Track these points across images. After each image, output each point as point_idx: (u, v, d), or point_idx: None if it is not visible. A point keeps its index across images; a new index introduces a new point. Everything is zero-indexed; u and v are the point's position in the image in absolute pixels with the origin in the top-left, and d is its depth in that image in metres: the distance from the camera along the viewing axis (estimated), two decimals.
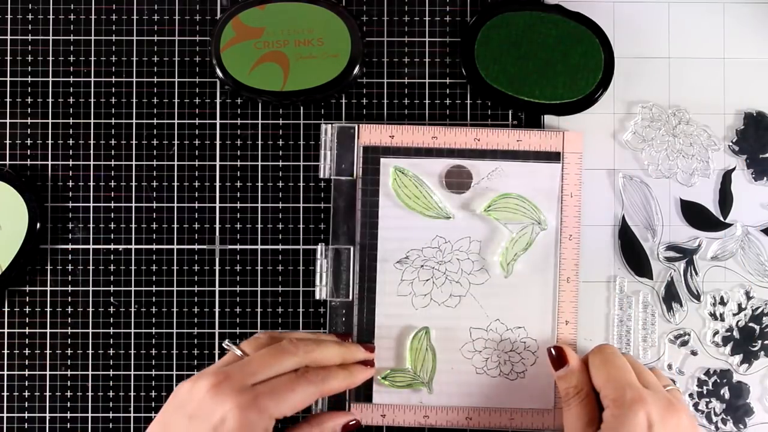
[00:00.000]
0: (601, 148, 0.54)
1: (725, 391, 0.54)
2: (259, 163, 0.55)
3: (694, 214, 0.54)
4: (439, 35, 0.55)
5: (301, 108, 0.55)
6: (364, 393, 0.53)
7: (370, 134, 0.53)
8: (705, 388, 0.54)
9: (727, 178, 0.54)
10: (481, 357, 0.53)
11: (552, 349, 0.51)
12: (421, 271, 0.53)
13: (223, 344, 0.49)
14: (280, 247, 0.54)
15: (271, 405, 0.44)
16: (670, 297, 0.54)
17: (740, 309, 0.54)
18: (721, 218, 0.54)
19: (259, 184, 0.55)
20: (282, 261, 0.54)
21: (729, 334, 0.54)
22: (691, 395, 0.54)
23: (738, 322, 0.54)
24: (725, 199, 0.54)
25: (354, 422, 0.52)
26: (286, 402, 0.45)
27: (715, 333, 0.54)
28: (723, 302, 0.54)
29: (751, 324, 0.54)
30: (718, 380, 0.54)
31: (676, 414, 0.46)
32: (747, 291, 0.54)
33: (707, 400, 0.54)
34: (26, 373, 0.54)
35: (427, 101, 0.55)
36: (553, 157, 0.53)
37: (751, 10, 0.55)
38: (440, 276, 0.53)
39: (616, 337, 0.54)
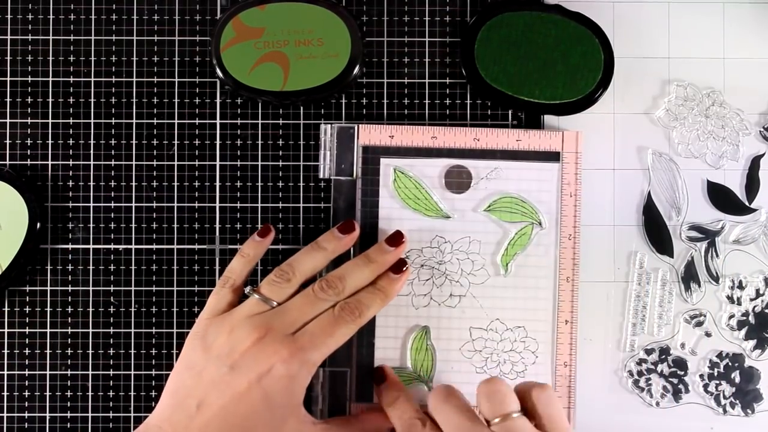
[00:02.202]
0: (601, 148, 0.54)
1: (736, 375, 0.54)
2: (259, 163, 0.55)
3: (719, 196, 0.54)
4: (439, 35, 0.55)
5: (301, 108, 0.55)
6: (364, 393, 0.53)
7: (370, 134, 0.53)
8: (716, 370, 0.54)
9: (755, 163, 0.54)
10: (481, 356, 0.53)
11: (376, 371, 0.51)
12: (421, 271, 0.53)
13: (245, 291, 0.49)
14: (280, 247, 0.54)
15: (314, 354, 0.46)
16: (689, 277, 0.54)
17: (758, 294, 0.54)
18: (747, 203, 0.54)
19: (259, 184, 0.55)
20: (282, 261, 0.54)
21: (744, 318, 0.54)
22: (701, 376, 0.54)
23: (755, 307, 0.54)
24: (752, 184, 0.54)
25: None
26: (327, 347, 0.47)
27: (731, 316, 0.54)
28: (741, 286, 0.54)
29: (767, 311, 0.54)
30: (730, 363, 0.54)
31: None
32: (766, 277, 0.54)
33: (717, 382, 0.54)
34: (26, 373, 0.54)
35: (427, 101, 0.55)
36: (553, 157, 0.53)
37: (751, 10, 0.55)
38: (440, 276, 0.53)
39: (632, 312, 0.54)
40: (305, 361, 0.46)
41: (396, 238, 0.51)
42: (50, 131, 0.54)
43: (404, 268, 0.51)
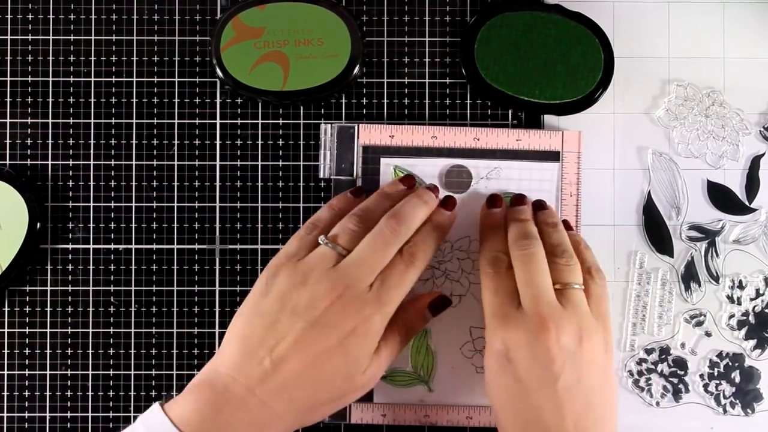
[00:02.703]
0: (601, 148, 0.54)
1: (736, 375, 0.54)
2: (259, 163, 0.55)
3: (719, 196, 0.54)
4: (439, 35, 0.55)
5: (301, 108, 0.55)
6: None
7: (370, 134, 0.53)
8: (716, 370, 0.54)
9: (755, 163, 0.54)
10: (481, 356, 0.53)
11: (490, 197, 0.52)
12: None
13: (320, 239, 0.47)
14: (280, 246, 0.54)
15: (391, 306, 0.46)
16: (689, 276, 0.54)
17: (758, 294, 0.54)
18: (747, 202, 0.54)
19: (259, 184, 0.55)
20: None
21: (745, 318, 0.54)
22: (702, 376, 0.54)
23: (755, 307, 0.54)
24: (752, 183, 0.54)
25: (439, 298, 0.51)
26: (401, 296, 0.47)
27: (731, 316, 0.54)
28: (741, 286, 0.54)
29: (767, 310, 0.54)
30: (730, 363, 0.54)
31: (588, 340, 0.45)
32: (766, 277, 0.54)
33: (717, 382, 0.54)
34: (26, 373, 0.54)
35: (427, 101, 0.55)
36: (553, 156, 0.54)
37: (751, 10, 0.55)
38: (440, 276, 0.53)
39: (632, 311, 0.54)
40: (385, 315, 0.46)
41: (436, 188, 0.51)
42: (50, 131, 0.54)
43: (453, 203, 0.51)
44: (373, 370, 0.47)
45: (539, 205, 0.52)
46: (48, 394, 0.54)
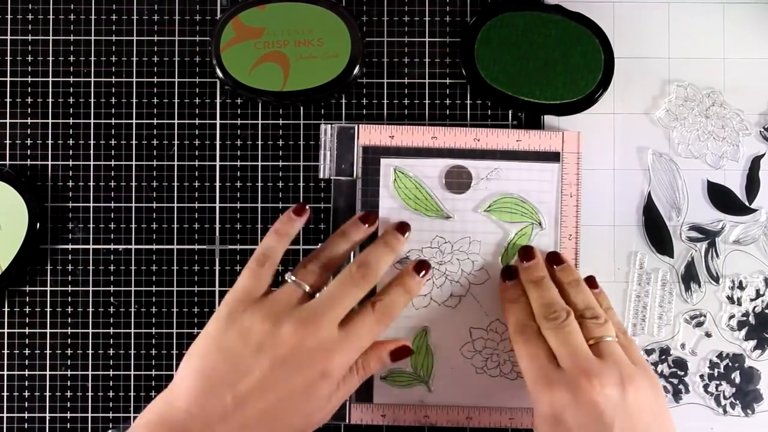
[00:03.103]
0: (601, 148, 0.54)
1: (736, 376, 0.54)
2: (259, 163, 0.55)
3: (719, 196, 0.54)
4: (439, 35, 0.55)
5: (301, 108, 0.55)
6: (364, 393, 0.53)
7: (370, 134, 0.53)
8: (716, 370, 0.54)
9: (755, 163, 0.54)
10: (481, 357, 0.53)
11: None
12: None
13: (286, 277, 0.48)
14: None
15: (356, 353, 0.47)
16: (689, 277, 0.54)
17: (758, 295, 0.54)
18: (747, 203, 0.54)
19: (259, 184, 0.55)
20: (282, 261, 0.54)
21: (745, 319, 0.54)
22: (702, 376, 0.54)
23: (755, 307, 0.54)
24: (752, 184, 0.54)
25: (401, 347, 0.50)
26: (366, 346, 0.47)
27: (731, 317, 0.54)
28: (741, 287, 0.54)
29: (767, 311, 0.54)
30: (730, 364, 0.54)
31: (633, 385, 0.44)
32: (766, 277, 0.54)
33: (717, 382, 0.54)
34: (26, 373, 0.54)
35: (427, 101, 0.55)
36: (553, 157, 0.53)
37: (751, 10, 0.55)
38: (440, 276, 0.53)
39: (632, 312, 0.54)
40: (350, 361, 0.47)
41: (402, 227, 0.52)
42: (50, 131, 0.54)
43: (427, 269, 0.51)
44: (330, 408, 0.47)
45: (554, 259, 0.51)
46: (48, 394, 0.54)
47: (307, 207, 0.50)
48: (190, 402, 0.44)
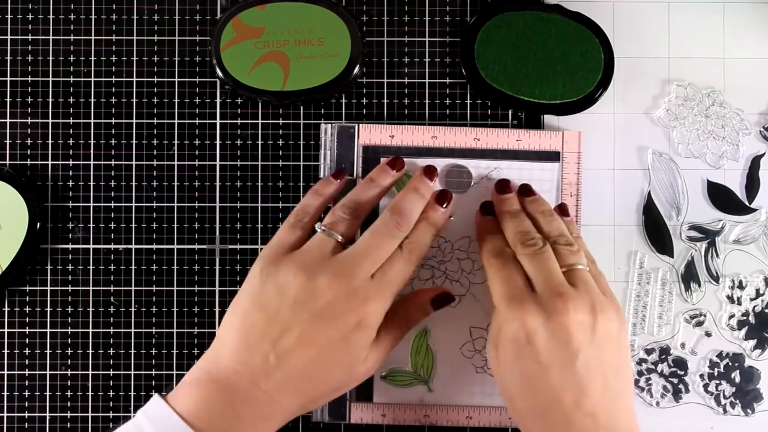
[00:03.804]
0: (601, 148, 0.54)
1: (736, 375, 0.54)
2: (259, 163, 0.55)
3: (719, 196, 0.54)
4: (439, 35, 0.55)
5: (301, 108, 0.55)
6: (364, 392, 0.53)
7: (370, 134, 0.53)
8: (716, 370, 0.54)
9: (755, 163, 0.54)
10: (481, 356, 0.53)
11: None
12: (421, 271, 0.53)
13: (316, 227, 0.48)
14: None
15: (391, 298, 0.47)
16: (689, 276, 0.54)
17: (758, 294, 0.54)
18: (747, 203, 0.54)
19: (259, 184, 0.55)
20: None
21: (745, 318, 0.54)
22: (702, 376, 0.54)
23: (755, 307, 0.54)
24: (752, 183, 0.54)
25: (442, 294, 0.51)
26: (399, 289, 0.47)
27: (731, 316, 0.54)
28: (741, 286, 0.54)
29: (767, 310, 0.54)
30: (730, 363, 0.54)
31: (603, 315, 0.45)
32: (766, 277, 0.54)
33: (717, 382, 0.54)
34: (26, 373, 0.54)
35: (427, 101, 0.55)
36: (553, 156, 0.53)
37: (751, 10, 0.55)
38: (440, 276, 0.53)
39: (632, 311, 0.54)
40: (385, 307, 0.47)
41: (431, 171, 0.51)
42: (50, 131, 0.54)
43: (449, 199, 0.51)
44: (373, 360, 0.47)
45: (525, 191, 0.52)
46: (48, 394, 0.54)
47: (345, 172, 0.52)
48: (234, 360, 0.45)
